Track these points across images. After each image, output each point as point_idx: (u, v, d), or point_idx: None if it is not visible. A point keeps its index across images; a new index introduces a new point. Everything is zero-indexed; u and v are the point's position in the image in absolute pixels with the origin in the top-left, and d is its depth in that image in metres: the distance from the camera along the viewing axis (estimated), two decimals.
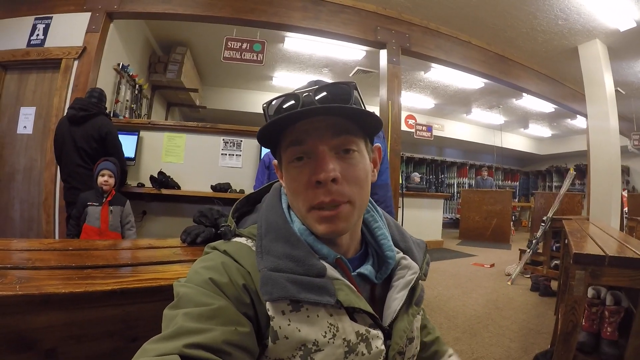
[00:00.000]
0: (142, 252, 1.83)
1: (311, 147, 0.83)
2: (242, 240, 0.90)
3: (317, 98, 0.84)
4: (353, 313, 0.82)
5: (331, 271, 0.83)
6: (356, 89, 0.87)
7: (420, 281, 0.97)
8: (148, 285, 1.22)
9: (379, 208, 1.07)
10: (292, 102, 0.85)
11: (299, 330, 0.77)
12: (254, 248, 0.86)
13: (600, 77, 6.51)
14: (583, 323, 2.50)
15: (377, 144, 0.99)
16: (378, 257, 0.97)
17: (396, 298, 0.89)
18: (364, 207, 0.91)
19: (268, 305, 0.77)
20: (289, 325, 0.76)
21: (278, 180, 1.03)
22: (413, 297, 0.93)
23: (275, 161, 0.96)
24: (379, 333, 0.84)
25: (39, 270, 1.35)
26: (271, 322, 0.76)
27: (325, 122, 0.83)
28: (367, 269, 0.91)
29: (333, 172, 0.81)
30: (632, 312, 2.19)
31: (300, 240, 0.85)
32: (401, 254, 0.98)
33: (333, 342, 0.77)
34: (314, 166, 0.82)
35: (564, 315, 2.19)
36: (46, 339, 1.13)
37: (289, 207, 0.94)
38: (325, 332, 0.78)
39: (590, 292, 2.57)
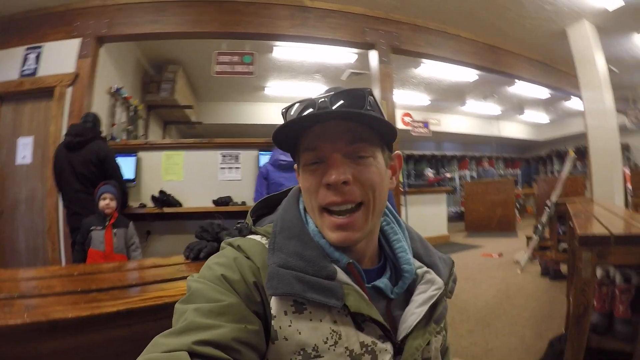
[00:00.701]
0: (147, 272, 1.84)
1: (324, 153, 0.84)
2: (258, 237, 0.91)
3: (333, 106, 0.85)
4: (362, 322, 0.80)
5: (342, 275, 0.81)
6: (371, 95, 0.87)
7: (444, 299, 0.95)
8: (153, 304, 1.23)
9: (401, 221, 1.05)
10: (309, 108, 0.87)
11: (300, 333, 0.76)
12: (267, 246, 0.86)
13: (592, 57, 6.50)
14: (594, 304, 2.50)
15: (397, 151, 0.99)
16: (396, 271, 0.95)
17: (414, 313, 0.86)
18: (380, 212, 0.90)
19: (272, 302, 0.77)
20: (289, 326, 0.76)
21: (294, 186, 1.03)
22: (433, 314, 0.90)
23: (295, 165, 0.96)
24: (388, 347, 0.81)
25: (46, 297, 1.37)
26: (272, 321, 0.76)
27: (340, 127, 0.84)
28: (383, 282, 0.89)
29: (344, 174, 0.81)
30: None
31: (313, 241, 0.85)
32: (424, 268, 0.95)
33: (334, 350, 0.76)
34: (326, 170, 0.83)
35: (574, 298, 2.18)
36: None
37: (305, 209, 0.94)
38: (327, 339, 0.76)
39: (599, 272, 2.56)
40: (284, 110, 0.91)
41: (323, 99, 0.85)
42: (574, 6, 6.10)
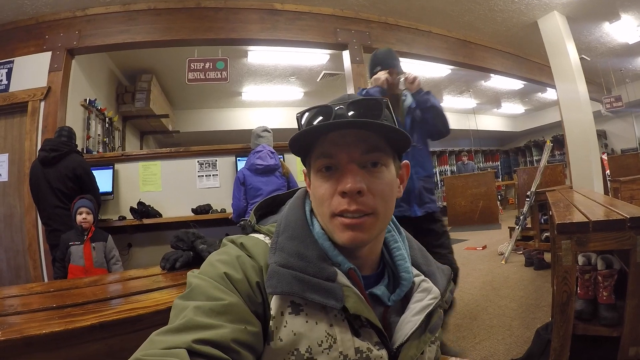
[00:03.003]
0: (123, 285, 1.83)
1: (340, 161, 0.83)
2: (260, 236, 0.90)
3: (349, 112, 0.84)
4: (359, 328, 0.80)
5: (342, 278, 0.81)
6: (388, 107, 0.88)
7: (440, 309, 0.95)
8: (127, 316, 1.23)
9: (402, 229, 1.05)
10: (325, 114, 0.86)
11: (294, 334, 0.75)
12: (270, 245, 0.85)
13: (563, 48, 6.58)
14: (578, 291, 2.51)
15: (405, 160, 0.98)
16: (394, 279, 0.95)
17: (410, 321, 0.86)
18: (387, 221, 0.90)
19: (272, 303, 0.77)
20: (285, 327, 0.75)
21: (300, 188, 1.04)
22: (429, 324, 0.90)
23: (305, 169, 0.95)
24: (383, 354, 0.81)
25: (21, 314, 1.38)
26: (270, 321, 0.76)
27: (356, 135, 0.83)
28: (380, 289, 0.89)
29: (359, 183, 0.80)
30: (626, 273, 2.20)
31: (316, 243, 0.85)
32: (422, 277, 0.95)
33: (328, 354, 0.76)
34: (340, 177, 0.82)
35: (557, 286, 2.20)
36: None
37: (311, 212, 0.93)
38: (322, 341, 0.76)
39: (581, 259, 2.58)
40: (299, 114, 0.91)
41: (340, 107, 0.85)
42: None
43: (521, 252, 6.00)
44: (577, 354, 2.27)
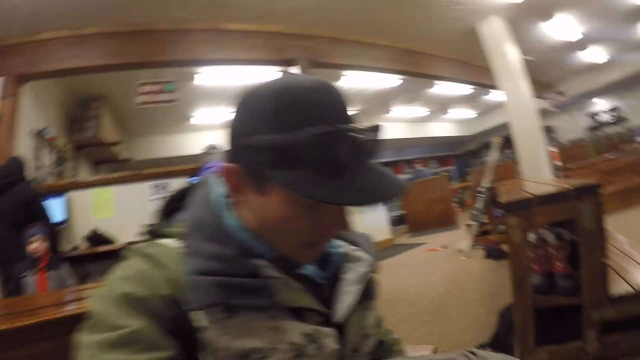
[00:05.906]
0: (79, 293, 1.79)
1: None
2: (168, 241, 0.78)
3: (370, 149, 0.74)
4: (299, 313, 0.75)
5: (267, 270, 0.74)
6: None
7: (373, 274, 0.92)
8: (70, 314, 1.18)
9: None
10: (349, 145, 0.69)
11: (236, 340, 0.68)
12: (181, 250, 0.75)
13: (504, 50, 6.81)
14: (535, 267, 2.57)
15: None
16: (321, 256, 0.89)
17: (349, 292, 0.83)
18: None
19: (197, 315, 0.68)
20: (223, 335, 0.68)
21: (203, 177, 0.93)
22: (367, 291, 0.88)
23: (235, 166, 0.74)
24: (330, 331, 0.78)
25: None
26: (204, 333, 0.67)
27: None
28: (307, 269, 0.83)
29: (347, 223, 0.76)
30: (578, 244, 2.26)
31: (232, 238, 0.75)
32: (351, 247, 0.92)
33: (278, 348, 0.69)
34: (330, 216, 0.74)
35: (511, 264, 2.25)
36: None
37: (223, 199, 0.82)
38: (267, 339, 0.70)
39: (533, 236, 2.64)
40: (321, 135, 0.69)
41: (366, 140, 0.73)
42: (482, 3, 6.40)
43: (482, 247, 6.11)
44: (543, 328, 2.31)
